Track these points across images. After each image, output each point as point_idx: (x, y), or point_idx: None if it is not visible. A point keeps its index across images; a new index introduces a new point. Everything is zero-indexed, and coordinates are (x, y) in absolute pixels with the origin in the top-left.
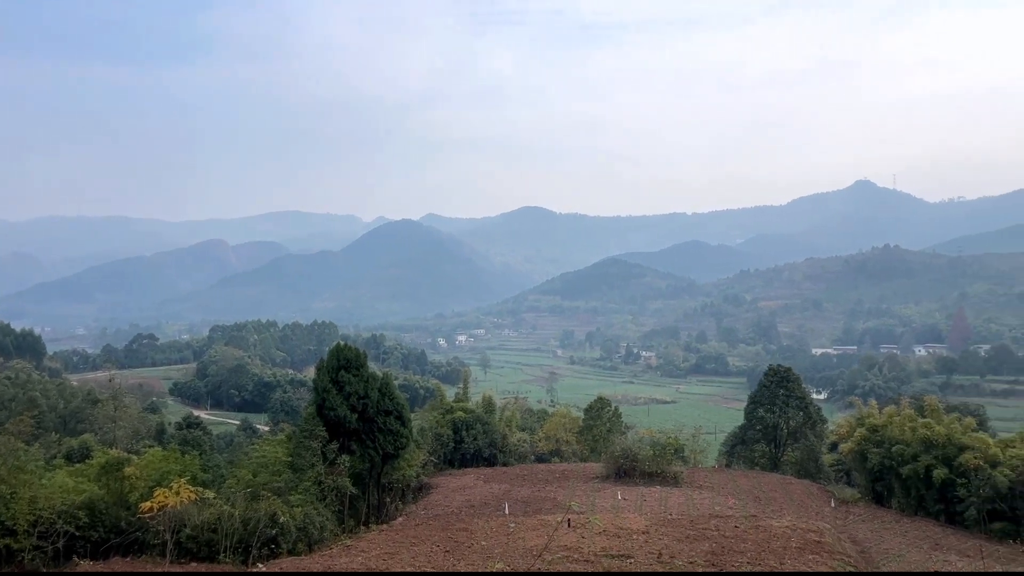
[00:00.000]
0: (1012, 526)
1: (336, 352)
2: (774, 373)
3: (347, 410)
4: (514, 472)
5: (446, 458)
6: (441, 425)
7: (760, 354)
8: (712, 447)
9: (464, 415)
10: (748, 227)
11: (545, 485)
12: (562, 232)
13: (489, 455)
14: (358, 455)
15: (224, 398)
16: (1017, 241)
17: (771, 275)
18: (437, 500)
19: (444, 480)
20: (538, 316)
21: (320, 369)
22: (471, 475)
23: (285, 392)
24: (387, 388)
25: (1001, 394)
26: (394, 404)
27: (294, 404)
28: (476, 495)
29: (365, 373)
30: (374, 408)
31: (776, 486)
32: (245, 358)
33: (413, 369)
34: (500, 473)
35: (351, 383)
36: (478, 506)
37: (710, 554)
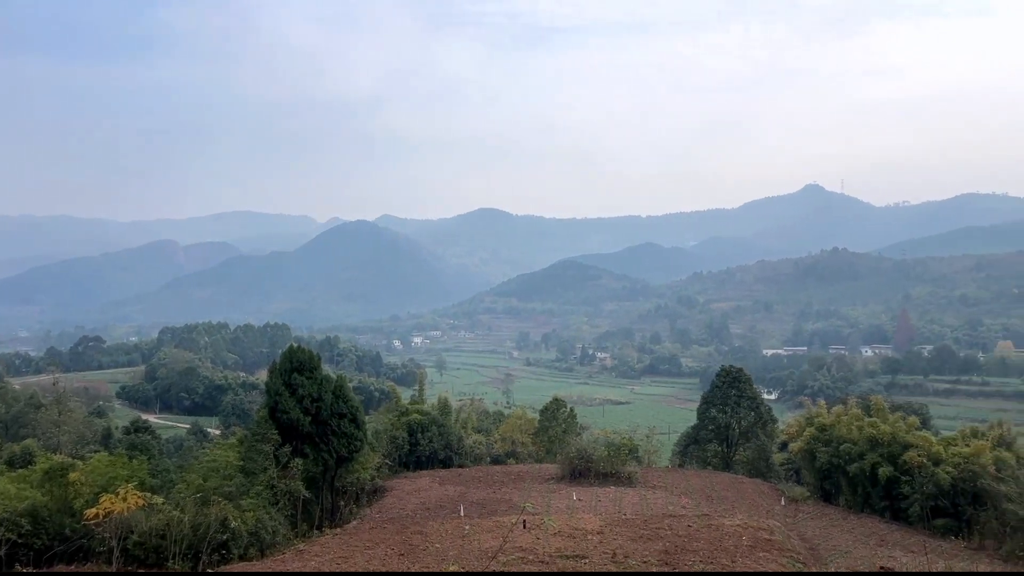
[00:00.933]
0: (954, 522)
1: (289, 354)
2: (726, 374)
3: (300, 413)
4: (470, 474)
5: (401, 460)
6: (396, 427)
7: (713, 355)
8: (666, 447)
9: (420, 417)
10: (701, 230)
11: (501, 487)
12: (519, 233)
13: (445, 457)
14: (311, 458)
15: (174, 401)
16: (958, 245)
17: (723, 277)
18: (392, 503)
19: (399, 483)
20: (494, 318)
21: (273, 372)
22: (426, 477)
23: (237, 395)
24: (341, 390)
25: (943, 393)
26: (348, 407)
27: (246, 407)
28: (431, 497)
29: (319, 375)
30: (328, 411)
31: (728, 485)
32: (196, 360)
33: (368, 371)
34: (456, 475)
35: (304, 386)
36: (433, 508)
37: (663, 553)
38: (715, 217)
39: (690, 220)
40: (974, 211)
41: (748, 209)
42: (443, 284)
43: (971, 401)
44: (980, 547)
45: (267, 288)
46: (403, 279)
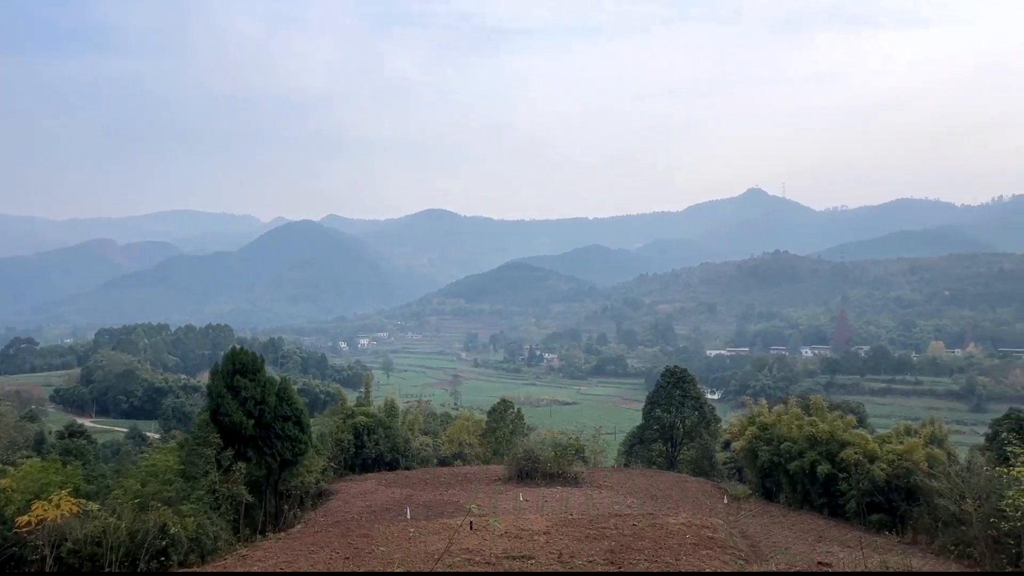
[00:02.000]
0: (888, 518)
1: (232, 356)
2: (671, 374)
3: (243, 416)
4: (416, 476)
5: (347, 463)
6: (342, 430)
7: (658, 355)
8: (612, 447)
9: (366, 419)
10: (647, 232)
11: (448, 488)
12: (467, 235)
13: (391, 459)
14: (255, 462)
15: (111, 405)
16: (893, 248)
17: (668, 279)
18: (337, 506)
19: (345, 486)
20: (442, 319)
21: (215, 374)
22: (372, 480)
23: (177, 398)
24: (285, 393)
25: (879, 392)
26: (292, 409)
27: (187, 410)
28: (377, 500)
29: (262, 378)
30: (271, 414)
31: (672, 484)
32: (134, 363)
33: (313, 373)
34: (402, 477)
35: (247, 388)
36: (379, 511)
37: (609, 552)
38: (661, 220)
39: (636, 222)
40: (908, 216)
41: (693, 212)
42: (390, 285)
43: (905, 400)
44: (913, 542)
45: (209, 289)
46: (350, 280)
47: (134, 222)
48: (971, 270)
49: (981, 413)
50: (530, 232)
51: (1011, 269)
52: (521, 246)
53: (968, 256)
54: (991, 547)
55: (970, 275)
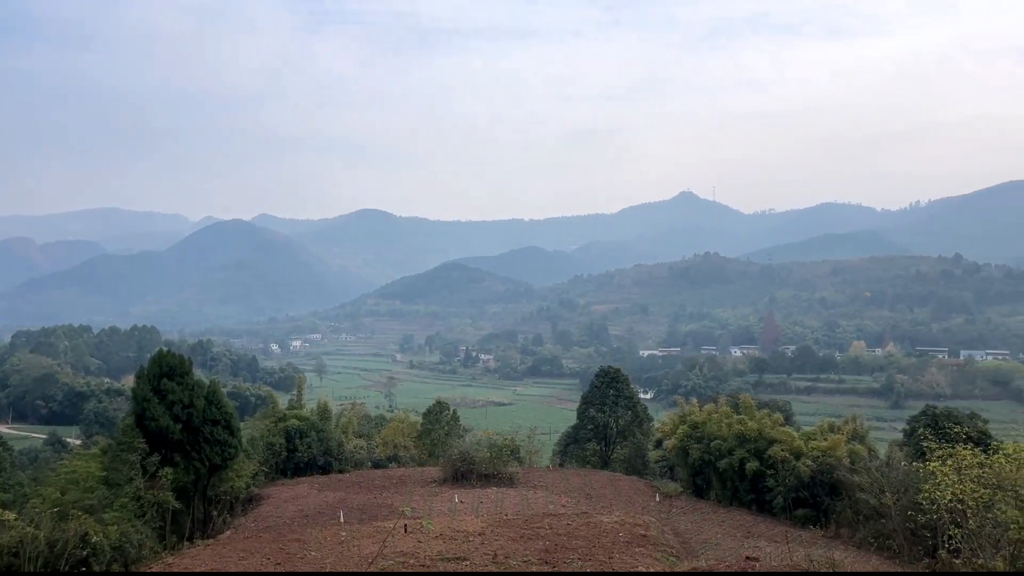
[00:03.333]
0: (813, 512)
1: (158, 359)
2: (604, 374)
3: (170, 420)
4: (350, 479)
5: (278, 467)
6: (273, 434)
7: (592, 356)
8: (547, 447)
9: (298, 423)
10: (582, 234)
11: (382, 491)
12: (402, 236)
13: (324, 463)
14: (182, 467)
15: (28, 410)
16: (818, 251)
17: (603, 280)
18: (268, 511)
19: (276, 490)
20: (377, 320)
21: (140, 377)
22: (305, 484)
23: (100, 402)
24: (214, 396)
25: (804, 391)
26: (222, 413)
27: (110, 415)
28: (310, 504)
29: (190, 381)
30: (200, 417)
31: (606, 483)
32: (54, 366)
33: (244, 376)
34: (336, 481)
35: (175, 391)
36: (312, 515)
37: (543, 552)
38: (595, 222)
39: (572, 224)
40: (832, 219)
41: (626, 214)
42: (324, 286)
43: (829, 398)
44: (836, 535)
45: (135, 290)
46: (282, 281)
47: (55, 220)
48: (890, 272)
49: (899, 410)
50: (467, 233)
51: (927, 271)
52: (458, 247)
53: (887, 259)
54: (909, 539)
55: (889, 277)
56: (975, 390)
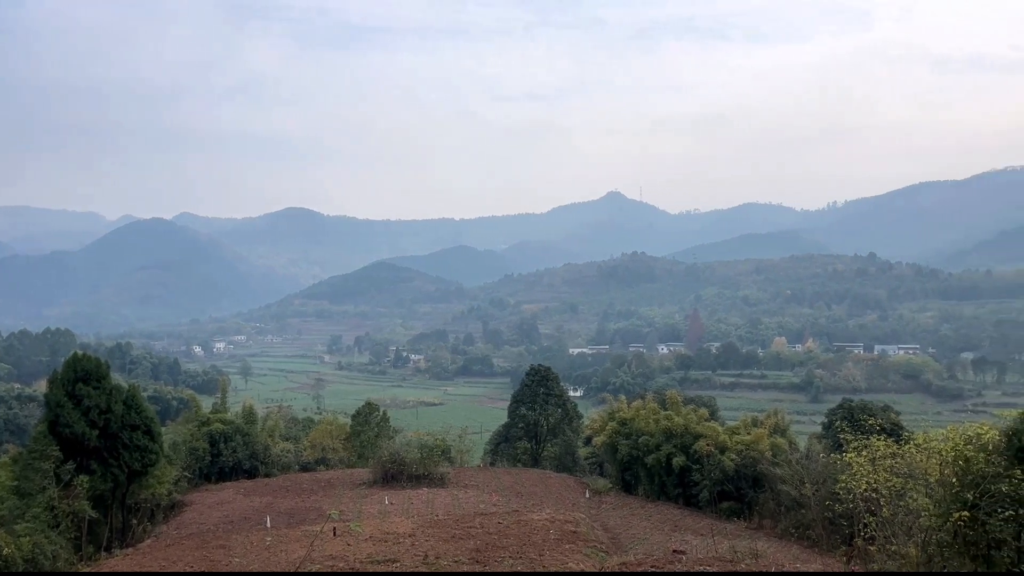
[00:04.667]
0: (737, 505)
1: (73, 363)
2: (535, 373)
3: (86, 426)
4: (277, 483)
5: (202, 473)
6: (196, 438)
7: (523, 355)
8: (478, 446)
9: (222, 426)
10: (512, 234)
11: (310, 495)
12: (330, 235)
13: (250, 467)
14: (99, 475)
15: None
16: (740, 250)
17: (533, 280)
18: (192, 518)
19: (200, 496)
20: (304, 321)
21: (54, 382)
22: (230, 489)
23: (10, 409)
24: (134, 400)
25: (728, 386)
26: (142, 418)
27: (21, 422)
28: (235, 510)
29: (108, 385)
30: (118, 423)
31: (536, 481)
32: None
33: (165, 379)
34: (262, 485)
35: (91, 396)
36: (237, 521)
37: (475, 551)
38: (525, 221)
39: (502, 224)
40: (754, 219)
41: (556, 214)
42: (249, 286)
43: (752, 393)
44: (759, 526)
45: (48, 291)
46: (204, 281)
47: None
48: (809, 271)
49: (819, 404)
50: (396, 232)
51: (843, 270)
52: (387, 246)
53: (807, 257)
54: (827, 528)
55: (808, 275)
56: (888, 383)
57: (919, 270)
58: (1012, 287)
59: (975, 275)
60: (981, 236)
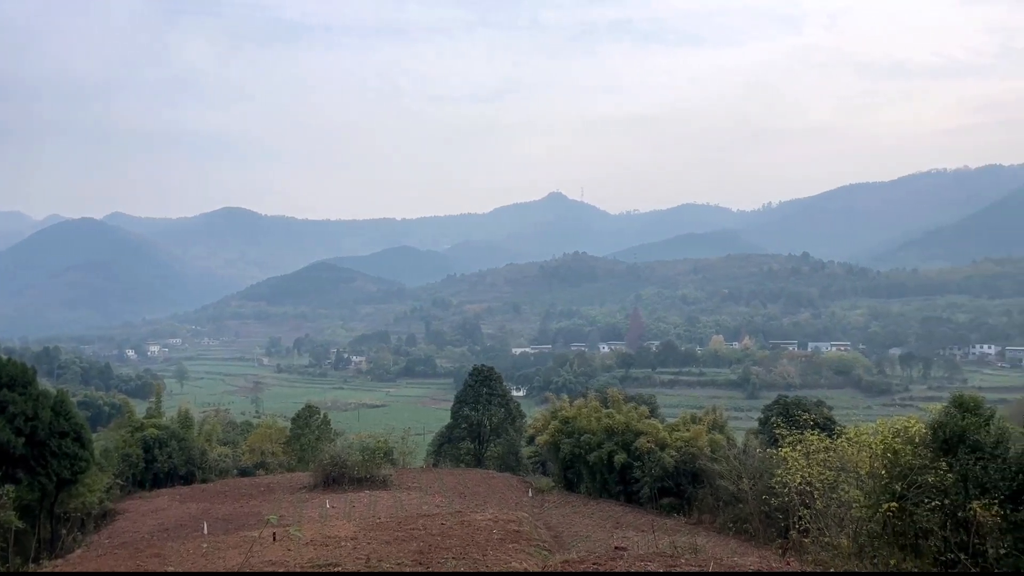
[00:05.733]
0: (677, 500)
1: None
2: (478, 373)
3: (11, 434)
4: (214, 489)
5: (136, 480)
6: (130, 444)
7: (466, 355)
8: (421, 447)
9: (157, 432)
10: (454, 234)
11: (249, 500)
12: (269, 235)
13: (186, 473)
14: (26, 484)
15: None
16: (679, 250)
17: (475, 280)
18: (125, 526)
19: (133, 504)
20: (242, 323)
21: None
22: (165, 496)
23: None
24: (63, 407)
25: (668, 384)
26: (71, 424)
27: None
28: (170, 517)
29: (34, 391)
30: (46, 430)
31: (480, 481)
32: None
33: (96, 384)
34: (199, 491)
35: (16, 403)
36: (172, 529)
37: (417, 553)
38: (467, 221)
39: (444, 224)
40: (692, 219)
41: (498, 214)
42: (185, 288)
43: (690, 390)
44: (699, 521)
45: None
46: (138, 283)
47: None
48: (745, 270)
49: (755, 400)
50: (336, 232)
51: (778, 269)
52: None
53: (743, 257)
54: (764, 521)
55: (745, 275)
56: (821, 379)
57: (850, 269)
58: (936, 285)
59: (902, 274)
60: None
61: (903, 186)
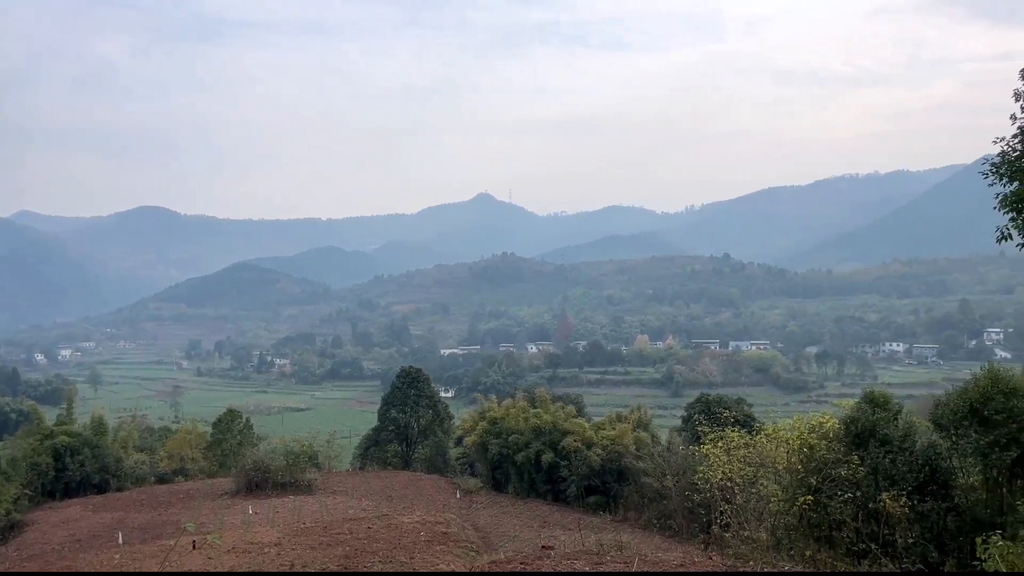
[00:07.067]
0: (603, 498)
1: None
2: (405, 374)
3: None
4: (130, 497)
5: (45, 489)
6: (39, 452)
7: (394, 356)
8: (347, 451)
9: (68, 439)
10: (382, 234)
11: (167, 508)
12: (188, 234)
13: (100, 481)
14: None
15: None
16: (605, 251)
17: (403, 280)
18: (34, 538)
19: (44, 515)
20: (160, 325)
21: None
22: (77, 506)
23: None
24: None
25: (595, 383)
26: None
27: None
28: (83, 527)
29: None
30: None
31: (407, 483)
32: None
33: (2, 390)
34: (113, 500)
35: None
36: (85, 540)
37: (343, 558)
38: (395, 222)
39: (371, 224)
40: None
41: (427, 215)
42: (99, 289)
43: (616, 389)
44: (624, 519)
45: None
46: (47, 284)
47: None
48: (669, 271)
49: (679, 398)
50: (259, 232)
51: (700, 269)
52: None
53: (667, 258)
54: (687, 517)
55: (668, 275)
56: (741, 377)
57: (769, 270)
58: (849, 285)
59: (818, 274)
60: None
61: (818, 190)
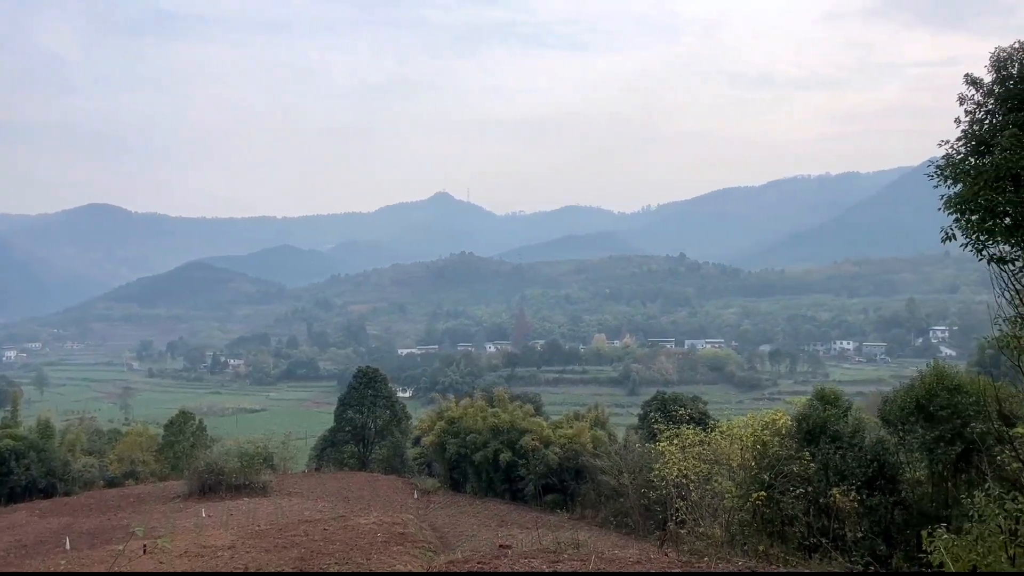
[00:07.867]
0: (561, 497)
1: None
2: (362, 375)
3: None
4: (78, 502)
5: None
6: None
7: (351, 357)
8: (303, 452)
9: (13, 443)
10: (338, 233)
11: (117, 512)
12: (139, 233)
13: (47, 486)
14: None
15: None
16: (563, 251)
17: (360, 280)
18: None
19: None
20: (110, 326)
21: None
22: (23, 511)
23: None
24: None
25: (553, 382)
26: None
27: None
28: (29, 533)
29: None
30: None
31: (364, 484)
32: None
33: None
34: (61, 505)
35: None
36: (32, 546)
37: (299, 560)
38: (352, 221)
39: (327, 223)
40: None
41: (384, 214)
42: (45, 289)
43: (574, 388)
44: (582, 516)
45: None
46: None
47: None
48: (626, 270)
49: (635, 396)
50: (213, 231)
51: (657, 269)
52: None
53: (624, 258)
54: (643, 514)
55: (625, 275)
56: (697, 376)
57: (723, 269)
58: (801, 284)
59: (771, 274)
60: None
61: (771, 190)
